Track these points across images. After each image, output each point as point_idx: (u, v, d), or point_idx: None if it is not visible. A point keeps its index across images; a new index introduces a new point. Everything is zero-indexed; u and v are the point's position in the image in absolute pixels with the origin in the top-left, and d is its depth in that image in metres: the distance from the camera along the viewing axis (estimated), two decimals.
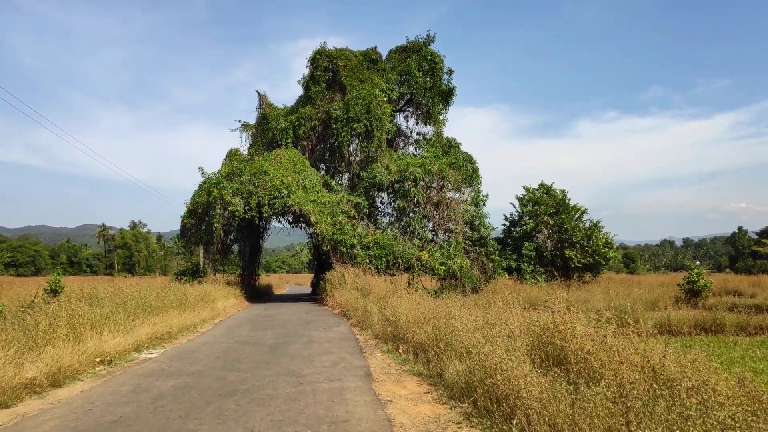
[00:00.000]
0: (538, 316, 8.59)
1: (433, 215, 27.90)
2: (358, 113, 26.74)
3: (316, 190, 26.25)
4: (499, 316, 9.05)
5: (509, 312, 8.94)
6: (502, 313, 9.18)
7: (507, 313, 8.81)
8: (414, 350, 9.43)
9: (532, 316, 8.92)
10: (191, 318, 14.98)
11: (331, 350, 10.44)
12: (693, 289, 24.33)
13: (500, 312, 9.27)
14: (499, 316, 9.05)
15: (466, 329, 8.08)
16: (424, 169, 26.75)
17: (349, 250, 24.39)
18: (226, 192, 24.66)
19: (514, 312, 8.96)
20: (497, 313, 9.29)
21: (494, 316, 9.05)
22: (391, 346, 10.58)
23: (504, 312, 8.99)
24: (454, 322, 8.76)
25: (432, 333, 9.04)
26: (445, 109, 31.15)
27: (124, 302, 12.83)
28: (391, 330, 11.28)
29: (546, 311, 8.17)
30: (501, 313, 9.25)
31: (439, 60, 29.53)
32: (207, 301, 18.71)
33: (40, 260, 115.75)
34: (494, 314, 9.19)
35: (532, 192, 34.84)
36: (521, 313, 8.94)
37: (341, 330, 13.81)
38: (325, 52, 29.70)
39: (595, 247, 33.24)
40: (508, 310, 9.07)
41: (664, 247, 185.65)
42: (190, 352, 10.47)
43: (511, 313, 8.81)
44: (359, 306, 15.95)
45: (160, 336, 11.98)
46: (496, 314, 9.22)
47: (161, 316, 13.16)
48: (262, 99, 32.63)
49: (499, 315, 9.11)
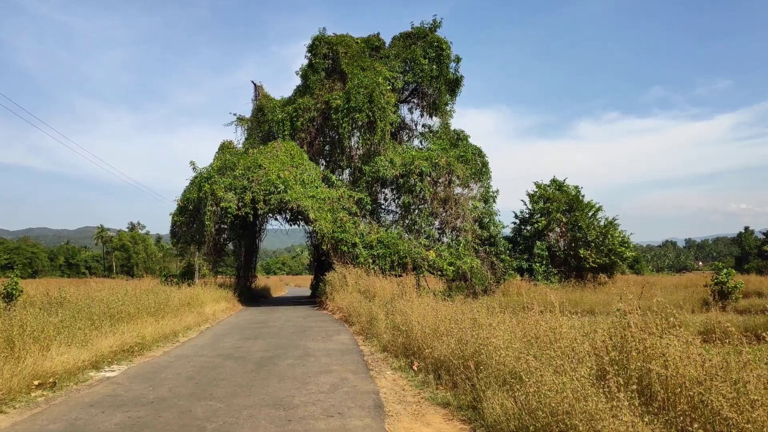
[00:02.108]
0: (594, 325, 6.74)
1: (440, 212, 26.03)
2: (360, 103, 24.86)
3: (315, 185, 24.38)
4: (537, 325, 7.20)
5: (556, 320, 7.06)
6: (546, 321, 7.32)
7: (554, 321, 6.92)
8: (434, 368, 7.57)
9: (585, 325, 7.08)
10: (172, 325, 13.11)
11: (331, 367, 8.57)
12: (722, 291, 22.53)
13: (538, 320, 7.41)
14: (537, 325, 7.20)
15: (504, 344, 6.23)
16: (431, 163, 24.86)
17: (350, 250, 22.53)
18: (218, 187, 22.80)
19: (562, 320, 7.07)
20: (533, 321, 7.44)
21: (534, 324, 7.19)
22: (403, 361, 8.70)
23: (551, 320, 7.11)
24: (484, 333, 6.91)
25: (456, 347, 7.18)
26: (452, 100, 29.26)
27: (90, 308, 10.99)
28: (403, 341, 9.41)
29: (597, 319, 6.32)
30: (540, 320, 7.40)
31: (446, 47, 27.64)
32: (194, 305, 16.85)
33: (37, 262, 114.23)
34: (533, 322, 7.33)
35: (543, 188, 32.98)
36: (570, 321, 7.06)
37: (342, 339, 11.94)
38: (324, 39, 27.81)
39: (611, 246, 31.40)
40: (554, 318, 7.19)
41: (667, 248, 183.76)
42: (158, 370, 8.61)
43: (560, 322, 6.93)
44: (363, 311, 14.07)
45: (128, 348, 10.11)
46: (533, 322, 7.37)
47: (133, 324, 11.29)
48: (258, 90, 30.74)
49: (538, 323, 7.27)
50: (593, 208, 32.19)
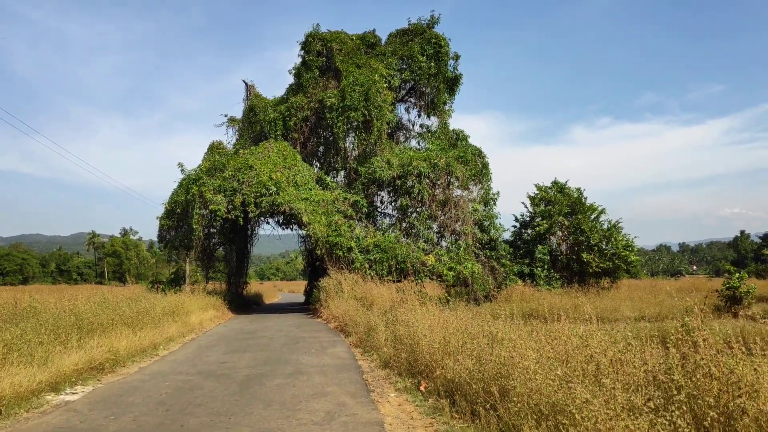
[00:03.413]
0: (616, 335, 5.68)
1: (439, 215, 24.96)
2: (356, 101, 23.78)
3: (308, 187, 23.28)
4: (568, 341, 6.16)
5: (592, 336, 5.98)
6: (579, 335, 6.27)
7: (592, 338, 5.85)
8: (446, 391, 6.49)
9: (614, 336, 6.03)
10: (151, 337, 11.97)
11: (326, 388, 7.47)
12: (734, 296, 21.59)
13: (568, 335, 6.35)
14: (568, 341, 6.16)
15: (533, 365, 5.17)
16: (430, 163, 23.80)
17: (345, 254, 21.43)
18: (207, 189, 21.68)
19: (597, 336, 6.00)
20: (561, 335, 6.39)
21: (562, 342, 6.13)
22: (409, 381, 7.61)
23: (584, 335, 6.05)
24: (506, 350, 5.85)
25: (474, 368, 6.10)
26: (451, 99, 28.22)
27: (58, 319, 9.85)
28: (407, 356, 8.31)
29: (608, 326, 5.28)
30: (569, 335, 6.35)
31: (445, 43, 26.62)
32: (179, 314, 15.72)
33: (28, 269, 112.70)
34: (562, 337, 6.26)
35: (544, 190, 31.91)
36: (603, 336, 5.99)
37: (338, 353, 10.84)
38: (318, 35, 26.73)
39: (615, 250, 30.38)
40: (588, 334, 6.12)
41: (661, 252, 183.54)
42: (127, 392, 7.49)
43: (596, 338, 5.86)
44: (360, 320, 12.98)
45: (97, 365, 8.98)
46: (562, 337, 6.31)
47: (106, 337, 10.16)
48: (250, 89, 29.65)
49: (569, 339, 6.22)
50: (596, 211, 31.17)
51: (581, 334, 6.39)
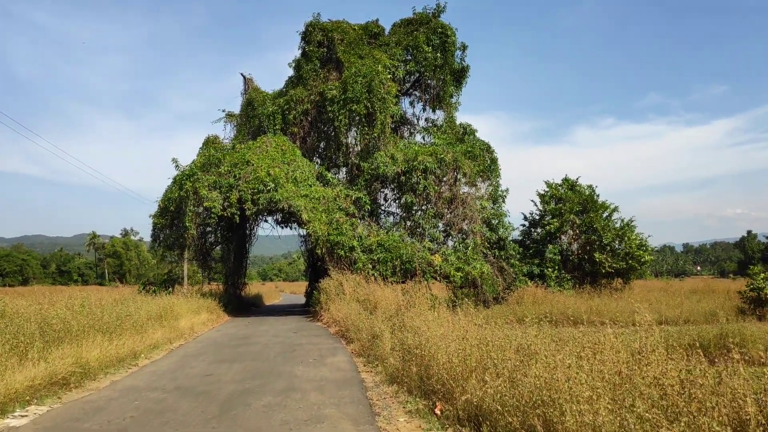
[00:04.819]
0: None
1: (445, 213, 23.72)
2: (358, 93, 22.56)
3: (308, 183, 22.09)
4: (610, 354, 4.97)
5: (647, 349, 4.79)
6: (624, 346, 5.07)
7: (648, 351, 4.65)
8: (469, 418, 5.28)
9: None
10: (132, 344, 10.78)
11: (323, 410, 6.26)
12: (759, 298, 20.43)
13: (614, 348, 5.15)
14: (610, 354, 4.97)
15: (586, 389, 3.98)
16: (436, 158, 22.56)
17: (347, 254, 20.22)
18: (201, 185, 20.53)
19: (650, 344, 4.80)
20: (596, 346, 5.20)
21: (610, 357, 4.94)
22: (421, 402, 6.40)
23: (638, 348, 4.85)
24: (547, 368, 4.66)
25: (506, 390, 4.90)
26: (457, 91, 26.97)
27: (20, 326, 8.67)
28: (418, 371, 7.10)
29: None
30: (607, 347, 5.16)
31: (451, 33, 25.36)
32: (167, 318, 14.54)
33: (28, 270, 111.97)
34: (604, 351, 5.07)
35: (554, 188, 30.67)
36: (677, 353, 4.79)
37: (339, 363, 9.63)
38: (318, 25, 25.52)
39: (628, 250, 29.12)
40: (644, 346, 4.92)
41: (665, 253, 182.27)
42: (86, 414, 6.30)
43: (654, 352, 4.66)
44: (363, 325, 11.77)
45: (61, 379, 7.80)
46: (601, 349, 5.12)
47: (76, 346, 8.98)
48: (248, 83, 28.48)
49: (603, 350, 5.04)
50: (608, 209, 29.92)
51: (634, 344, 5.21)
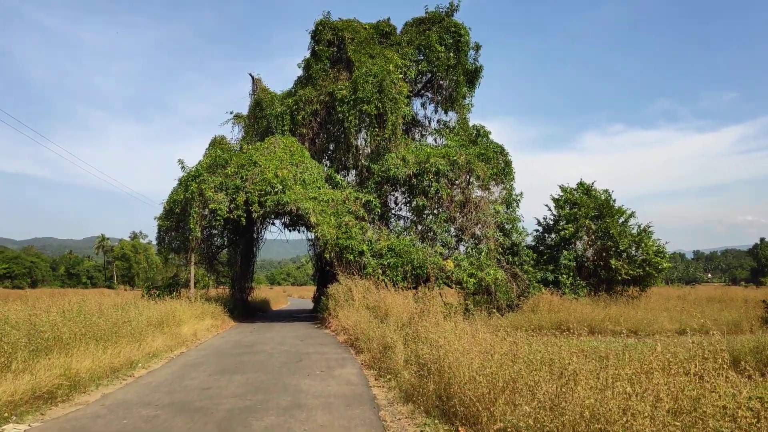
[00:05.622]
0: None
1: (458, 217, 23.00)
2: (369, 93, 21.91)
3: (317, 186, 21.45)
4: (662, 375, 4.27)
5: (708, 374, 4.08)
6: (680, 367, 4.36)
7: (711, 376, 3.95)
8: None
9: None
10: (128, 353, 10.15)
11: None
12: None
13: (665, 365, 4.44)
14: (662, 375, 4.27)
15: (648, 426, 3.28)
16: (449, 160, 21.85)
17: (357, 258, 19.55)
18: (207, 186, 19.95)
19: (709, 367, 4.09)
20: (645, 365, 4.50)
21: (662, 378, 4.23)
22: (442, 426, 5.70)
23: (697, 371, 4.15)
24: (595, 391, 3.96)
25: (543, 415, 4.20)
26: (471, 92, 26.28)
27: (7, 334, 8.06)
28: (436, 388, 6.40)
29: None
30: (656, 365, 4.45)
31: (465, 32, 24.69)
32: (168, 324, 13.93)
33: (37, 272, 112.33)
34: (652, 371, 4.36)
35: (569, 192, 29.85)
36: None
37: (348, 376, 8.93)
38: (328, 24, 24.95)
39: (645, 256, 28.24)
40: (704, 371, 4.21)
41: (675, 260, 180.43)
42: None
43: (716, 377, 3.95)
44: (374, 334, 11.07)
45: (46, 393, 7.16)
46: (648, 369, 4.42)
47: (66, 355, 8.35)
48: (257, 83, 27.95)
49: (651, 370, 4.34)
50: (625, 215, 29.08)
51: (690, 366, 4.49)
